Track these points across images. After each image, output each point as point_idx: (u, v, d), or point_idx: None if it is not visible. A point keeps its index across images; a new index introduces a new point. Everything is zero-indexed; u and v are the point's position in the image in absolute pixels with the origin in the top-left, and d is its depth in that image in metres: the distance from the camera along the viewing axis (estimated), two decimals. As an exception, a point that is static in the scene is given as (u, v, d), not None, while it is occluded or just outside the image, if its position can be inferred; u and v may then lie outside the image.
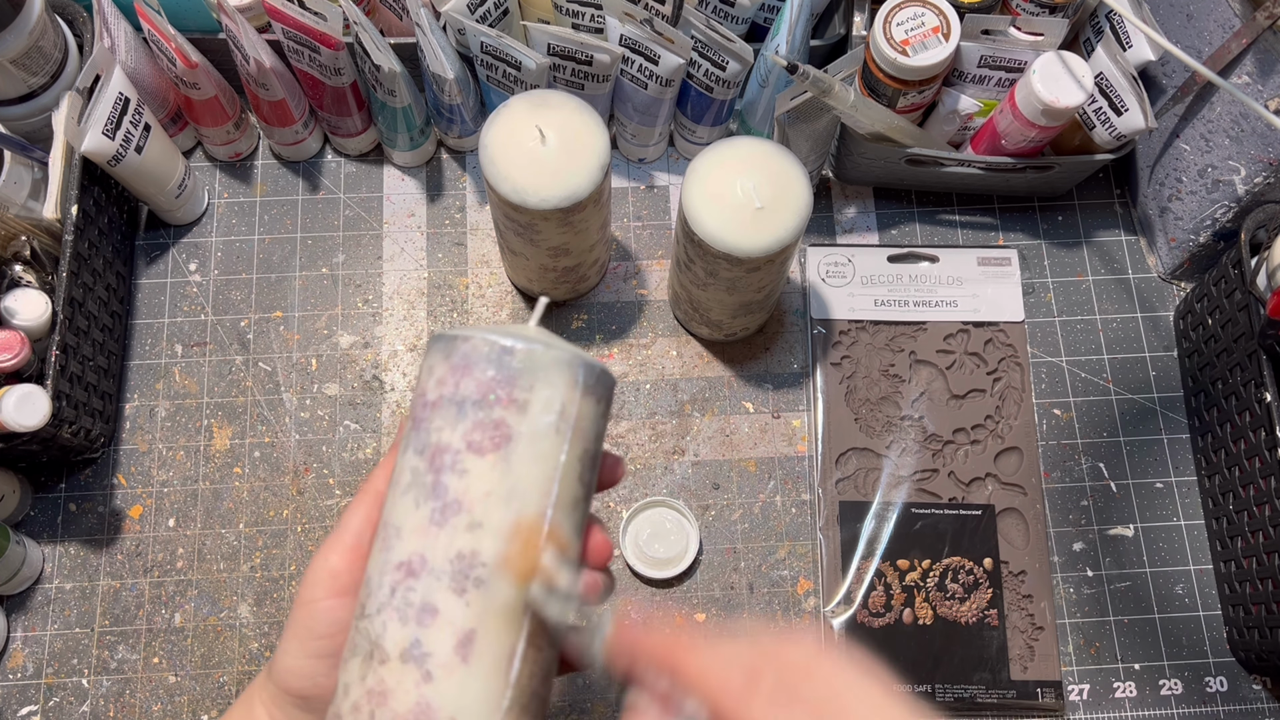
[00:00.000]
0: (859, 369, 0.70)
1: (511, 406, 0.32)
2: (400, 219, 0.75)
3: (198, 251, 0.73)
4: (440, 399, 0.33)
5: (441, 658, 0.30)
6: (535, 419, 0.32)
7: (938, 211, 0.76)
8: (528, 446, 0.32)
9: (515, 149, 0.58)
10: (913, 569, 0.66)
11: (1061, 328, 0.73)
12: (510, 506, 0.32)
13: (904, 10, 0.62)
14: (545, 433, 0.32)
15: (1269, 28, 0.58)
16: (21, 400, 0.56)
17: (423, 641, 0.31)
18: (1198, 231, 0.70)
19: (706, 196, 0.58)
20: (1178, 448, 0.70)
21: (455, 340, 0.33)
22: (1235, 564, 0.64)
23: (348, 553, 0.35)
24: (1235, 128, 0.64)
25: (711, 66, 0.66)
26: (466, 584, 0.31)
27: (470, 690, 0.30)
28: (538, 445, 0.32)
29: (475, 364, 0.33)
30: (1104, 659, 0.65)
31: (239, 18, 0.62)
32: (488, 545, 0.31)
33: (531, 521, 0.32)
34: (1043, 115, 0.64)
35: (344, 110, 0.70)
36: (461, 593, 0.31)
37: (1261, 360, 0.61)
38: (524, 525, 0.32)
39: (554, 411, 0.32)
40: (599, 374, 0.34)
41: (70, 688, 0.63)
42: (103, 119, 0.62)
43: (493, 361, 0.33)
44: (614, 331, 0.72)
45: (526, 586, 0.32)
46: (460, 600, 0.31)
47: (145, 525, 0.66)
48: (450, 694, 0.30)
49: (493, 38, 0.63)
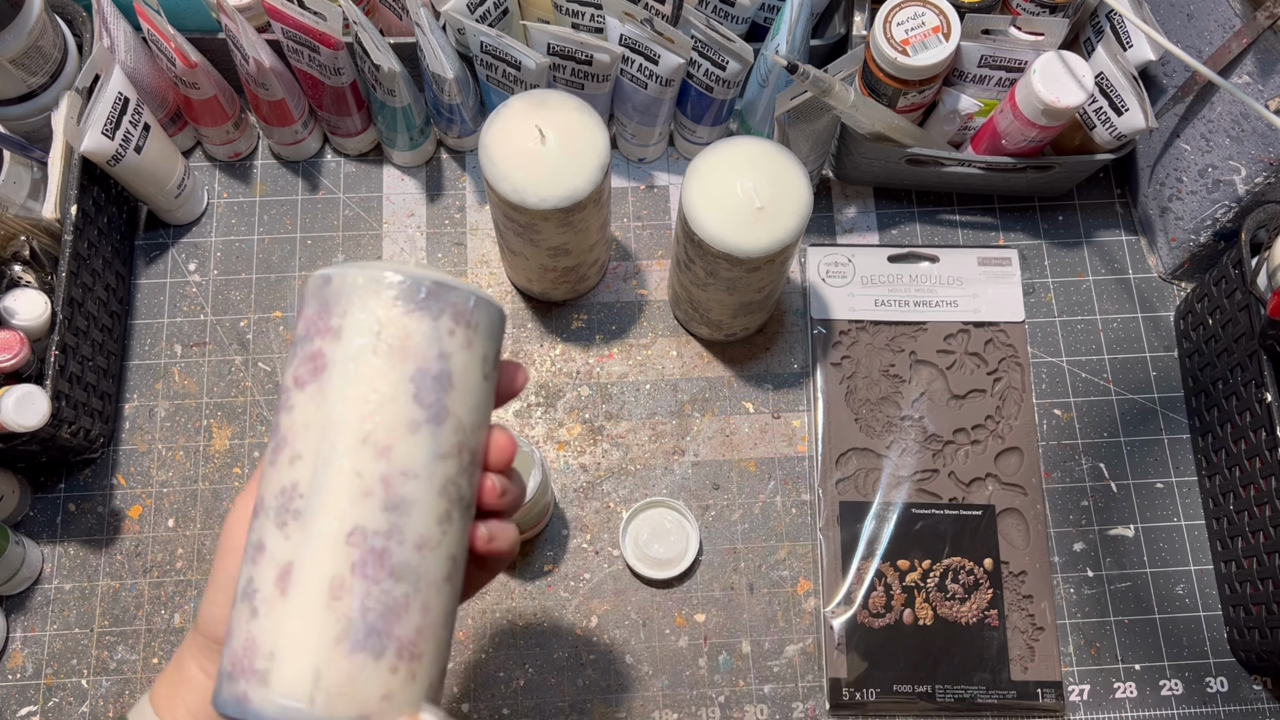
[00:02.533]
0: (859, 369, 0.70)
1: (328, 335, 0.32)
2: (400, 219, 0.75)
3: (197, 251, 0.73)
4: (291, 342, 0.33)
5: (265, 593, 0.31)
6: (348, 343, 0.32)
7: (938, 211, 0.76)
8: (341, 372, 0.31)
9: (515, 149, 0.58)
10: (913, 569, 0.66)
11: (1062, 328, 0.73)
12: (326, 435, 0.31)
13: (904, 10, 0.62)
14: (359, 355, 0.31)
15: (1269, 27, 0.58)
16: (21, 400, 0.56)
17: (254, 579, 0.31)
18: (1198, 231, 0.70)
19: (706, 196, 0.58)
20: (1178, 448, 0.70)
21: (308, 279, 0.34)
22: (1236, 564, 0.64)
23: None
24: (1236, 127, 0.64)
25: (711, 66, 0.66)
26: (286, 517, 0.31)
27: (290, 624, 0.30)
28: (352, 369, 0.31)
29: (305, 300, 0.33)
30: (1104, 659, 0.65)
31: (238, 17, 0.62)
32: (304, 475, 0.31)
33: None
34: (1043, 115, 0.64)
35: (344, 110, 0.70)
36: (282, 526, 0.31)
37: (1262, 360, 0.61)
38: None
39: (368, 333, 0.32)
40: (429, 287, 0.32)
41: (70, 688, 0.63)
42: (102, 119, 0.62)
43: (315, 294, 0.33)
44: (614, 331, 0.72)
45: (353, 516, 0.31)
46: (281, 534, 0.31)
47: (145, 525, 0.66)
48: (269, 628, 0.30)
49: (492, 37, 0.63)
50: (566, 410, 0.70)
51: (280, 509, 0.31)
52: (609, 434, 0.69)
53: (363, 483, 0.31)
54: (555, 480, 0.68)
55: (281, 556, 0.31)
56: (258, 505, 0.32)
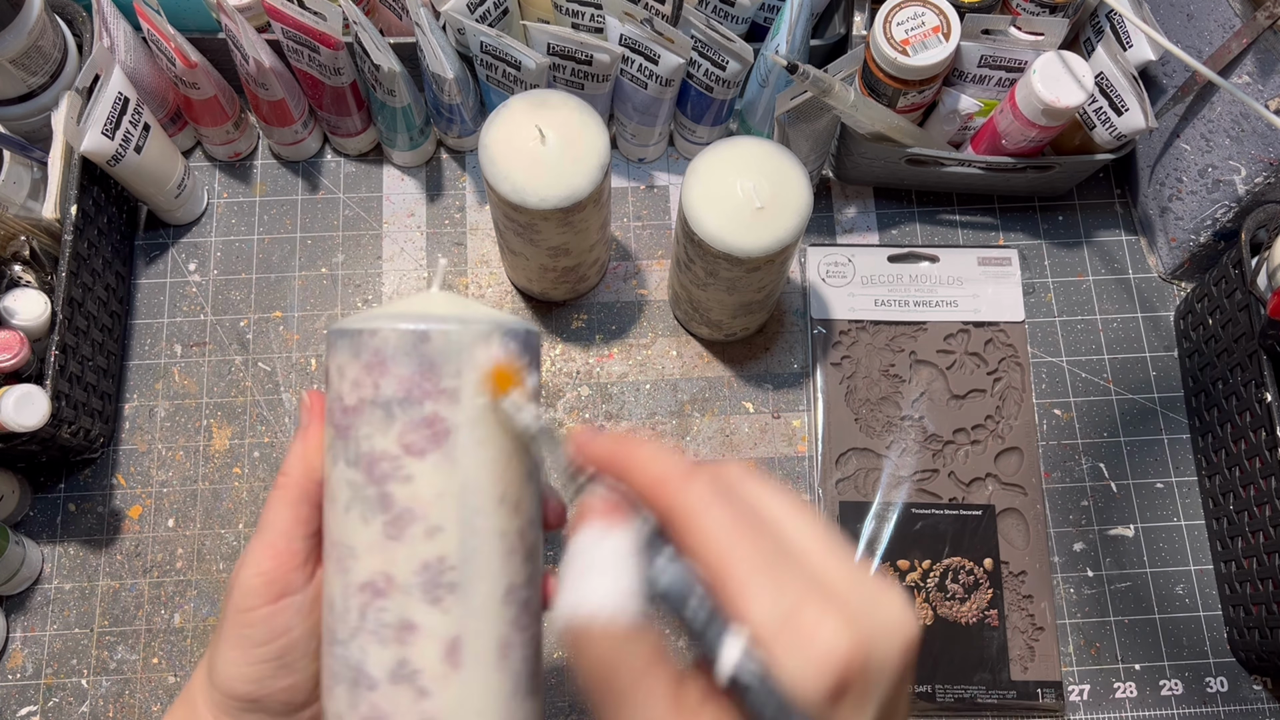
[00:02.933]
0: (859, 369, 0.70)
1: (441, 398, 0.30)
2: (400, 219, 0.75)
3: (197, 251, 0.73)
4: (361, 403, 0.30)
5: (432, 671, 0.30)
6: (469, 405, 0.30)
7: (938, 211, 0.76)
8: (469, 436, 0.30)
9: (515, 149, 0.58)
10: (913, 569, 0.66)
11: (1062, 328, 0.73)
12: (466, 502, 0.30)
13: (904, 10, 0.62)
14: (483, 417, 0.30)
15: (1269, 27, 0.58)
16: (21, 400, 0.56)
17: (409, 660, 0.30)
18: (1198, 231, 0.70)
19: (706, 196, 0.58)
20: (1178, 448, 0.70)
21: (361, 335, 0.31)
22: (1236, 564, 0.64)
23: (277, 555, 0.33)
24: (1236, 127, 0.64)
25: (711, 66, 0.66)
26: (440, 592, 0.30)
27: (471, 694, 0.30)
28: (481, 432, 0.30)
29: (391, 359, 0.30)
30: (1104, 659, 0.65)
31: (238, 17, 0.62)
32: (451, 547, 0.30)
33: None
34: (1043, 115, 0.64)
35: (343, 110, 0.70)
36: (436, 602, 0.30)
37: (1262, 360, 0.61)
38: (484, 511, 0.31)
39: (486, 392, 0.30)
40: (524, 337, 0.32)
41: (69, 688, 0.63)
42: (102, 119, 0.62)
43: (409, 353, 0.30)
44: (614, 331, 0.72)
45: (505, 575, 0.31)
46: (436, 610, 0.30)
47: (145, 525, 0.66)
48: (451, 703, 0.30)
49: (492, 37, 0.63)
50: (566, 410, 0.70)
51: (429, 584, 0.30)
52: (609, 434, 0.69)
53: (507, 541, 0.31)
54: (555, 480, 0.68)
55: (444, 631, 0.30)
56: (379, 584, 0.30)
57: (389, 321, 0.30)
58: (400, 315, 0.31)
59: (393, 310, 0.31)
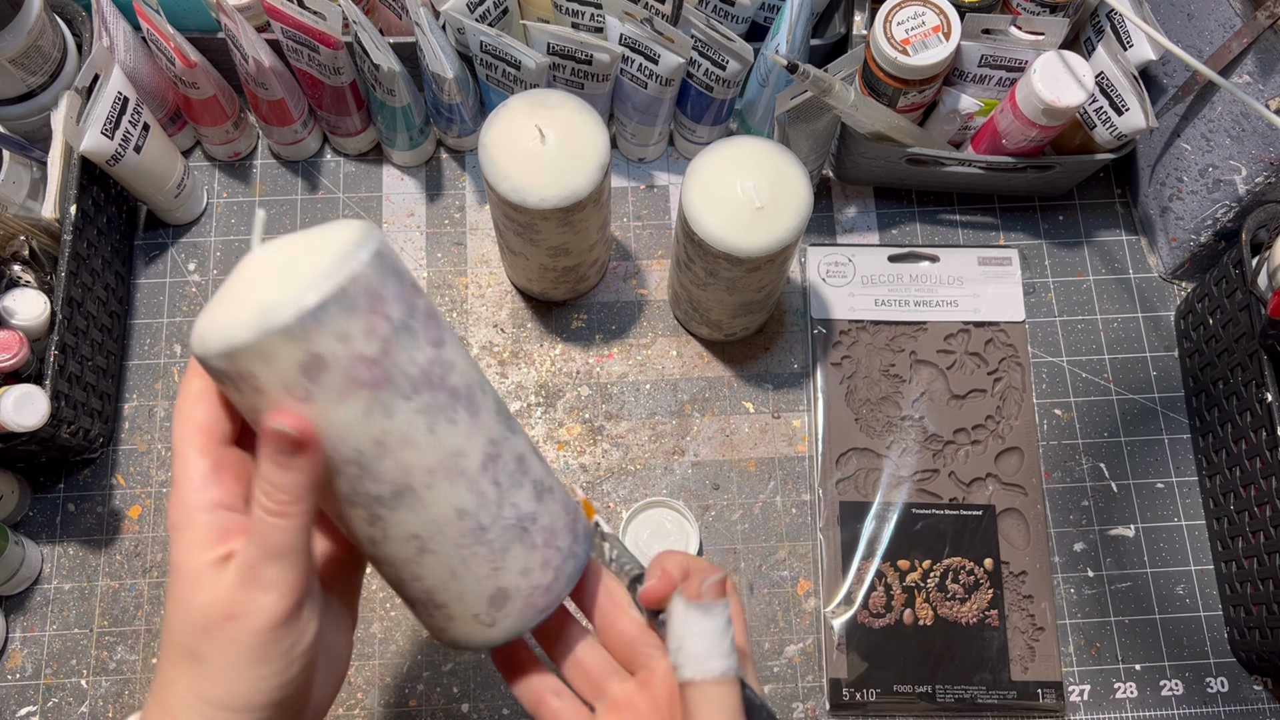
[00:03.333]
0: (859, 369, 0.70)
1: (414, 290, 0.34)
2: (400, 219, 0.74)
3: (197, 251, 0.73)
4: (386, 340, 0.32)
5: (540, 470, 0.38)
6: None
7: (938, 211, 0.76)
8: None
9: (515, 149, 0.58)
10: (913, 569, 0.66)
11: (1062, 328, 0.73)
12: (471, 358, 0.37)
13: (904, 9, 0.62)
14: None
15: (1270, 27, 0.58)
16: (20, 400, 0.56)
17: (538, 478, 0.37)
18: (1199, 231, 0.70)
19: (706, 196, 0.58)
20: (1178, 448, 0.70)
21: (345, 290, 0.31)
22: (1236, 564, 0.64)
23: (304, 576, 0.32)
24: (1236, 127, 0.64)
25: (711, 66, 0.66)
26: (510, 421, 0.37)
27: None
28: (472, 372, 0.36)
29: (381, 287, 0.32)
30: (1105, 659, 0.65)
31: (238, 17, 0.62)
32: (490, 391, 0.37)
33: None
34: (1043, 115, 0.64)
35: (343, 110, 0.70)
36: (514, 431, 0.37)
37: (1262, 360, 0.61)
38: None
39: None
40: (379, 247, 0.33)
41: (69, 688, 0.63)
42: (101, 118, 0.62)
43: (384, 272, 0.32)
44: (614, 331, 0.72)
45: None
46: (515, 436, 0.37)
47: (144, 525, 0.66)
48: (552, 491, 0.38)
49: (492, 37, 0.63)
50: (566, 410, 0.70)
51: (504, 421, 0.36)
52: (609, 434, 0.69)
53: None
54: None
55: (522, 445, 0.37)
56: (487, 458, 0.35)
57: (341, 269, 0.30)
58: (325, 266, 0.31)
59: (297, 274, 0.31)
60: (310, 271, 0.30)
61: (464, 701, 0.63)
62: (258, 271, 0.31)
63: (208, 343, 0.30)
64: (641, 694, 0.37)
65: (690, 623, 0.33)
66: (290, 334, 0.30)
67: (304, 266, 0.31)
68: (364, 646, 0.64)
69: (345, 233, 0.32)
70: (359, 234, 0.32)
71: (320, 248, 0.31)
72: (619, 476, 0.68)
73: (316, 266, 0.30)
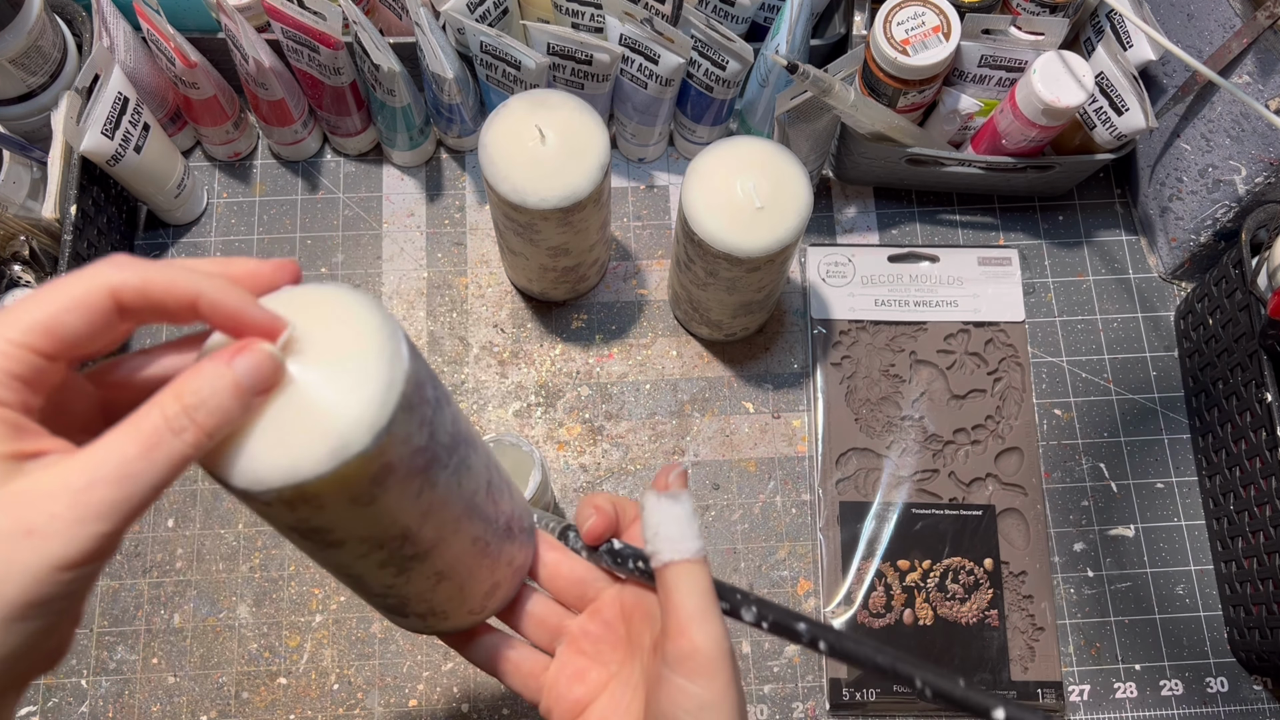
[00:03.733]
0: (859, 369, 0.70)
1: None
2: (400, 219, 0.74)
3: (196, 251, 0.73)
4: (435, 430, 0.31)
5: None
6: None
7: (938, 211, 0.76)
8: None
9: (515, 149, 0.58)
10: (913, 569, 0.66)
11: (1062, 328, 0.73)
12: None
13: (904, 10, 0.62)
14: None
15: (1269, 27, 0.58)
16: (20, 400, 0.56)
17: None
18: (1198, 231, 0.70)
19: (706, 196, 0.58)
20: (1178, 448, 0.70)
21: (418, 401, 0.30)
22: (1236, 564, 0.64)
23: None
24: (1236, 127, 0.64)
25: (711, 66, 0.66)
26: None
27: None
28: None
29: (428, 385, 0.31)
30: (1104, 659, 0.65)
31: (238, 17, 0.62)
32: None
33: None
34: (1043, 115, 0.64)
35: (343, 110, 0.70)
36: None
37: (1262, 360, 0.61)
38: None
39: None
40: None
41: (69, 688, 0.63)
42: (101, 118, 0.62)
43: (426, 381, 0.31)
44: (614, 331, 0.72)
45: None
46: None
47: (144, 525, 0.66)
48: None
49: (492, 37, 0.63)
50: (566, 410, 0.70)
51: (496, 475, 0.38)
52: (609, 434, 0.69)
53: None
54: (555, 480, 0.68)
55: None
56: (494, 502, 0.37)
57: (396, 372, 0.28)
58: (378, 373, 0.28)
59: (349, 384, 0.28)
60: (365, 379, 0.28)
61: (464, 701, 0.63)
62: (297, 386, 0.28)
63: (265, 479, 0.27)
64: (593, 621, 0.40)
65: (663, 510, 0.36)
66: (367, 455, 0.27)
67: (354, 372, 0.28)
68: (364, 646, 0.64)
69: (370, 318, 0.29)
70: (384, 322, 0.29)
71: (354, 342, 0.28)
72: (619, 476, 0.68)
73: (368, 373, 0.28)
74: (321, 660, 0.64)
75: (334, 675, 0.63)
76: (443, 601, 0.37)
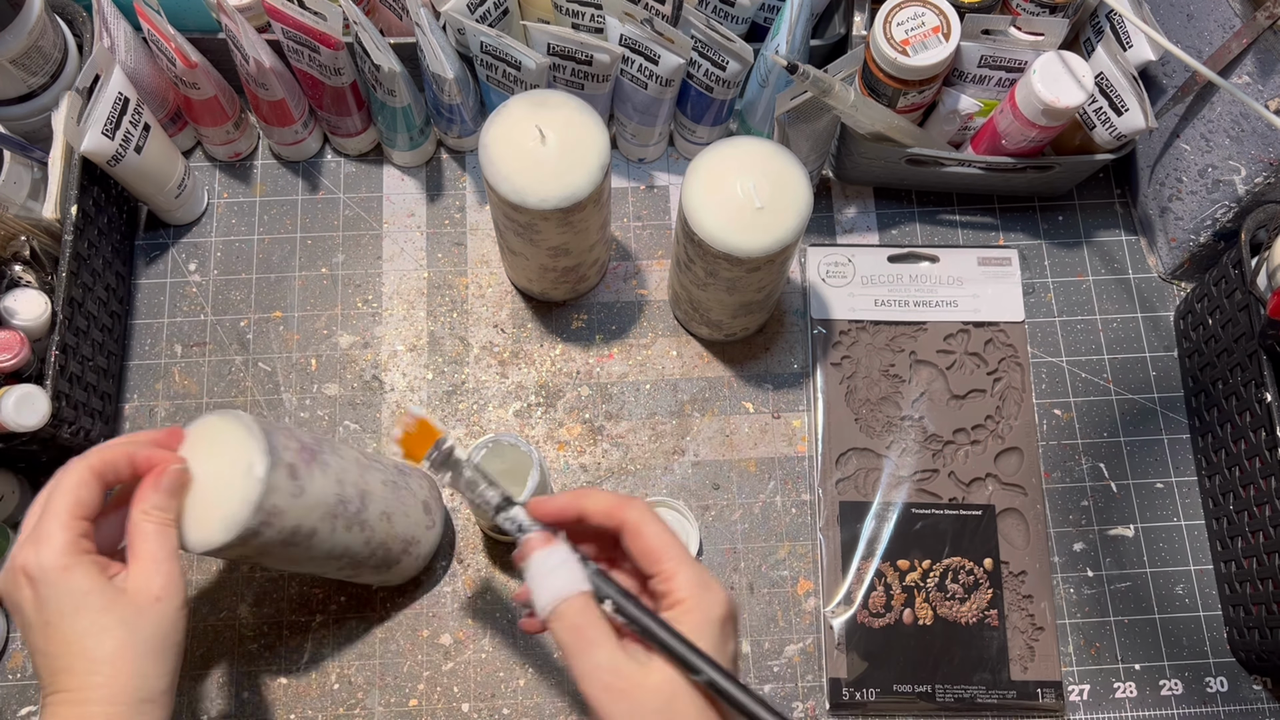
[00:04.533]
0: (859, 369, 0.70)
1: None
2: (400, 219, 0.75)
3: (197, 251, 0.73)
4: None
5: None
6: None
7: (938, 211, 0.76)
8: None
9: (515, 149, 0.58)
10: (913, 569, 0.66)
11: (1062, 328, 0.73)
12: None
13: (904, 10, 0.62)
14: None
15: (1269, 27, 0.58)
16: (21, 400, 0.56)
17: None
18: (1198, 231, 0.70)
19: (706, 196, 0.58)
20: (1178, 448, 0.70)
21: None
22: (1236, 564, 0.64)
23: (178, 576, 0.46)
24: (1235, 128, 0.64)
25: (711, 66, 0.66)
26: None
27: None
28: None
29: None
30: (1104, 659, 0.65)
31: (238, 17, 0.62)
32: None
33: None
34: (1043, 115, 0.64)
35: (344, 110, 0.70)
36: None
37: (1262, 360, 0.61)
38: None
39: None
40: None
41: (70, 688, 0.63)
42: (102, 119, 0.62)
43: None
44: (614, 331, 0.72)
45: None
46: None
47: (145, 525, 0.66)
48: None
49: (492, 37, 0.63)
50: (566, 410, 0.70)
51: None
52: (609, 434, 0.69)
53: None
54: (555, 480, 0.68)
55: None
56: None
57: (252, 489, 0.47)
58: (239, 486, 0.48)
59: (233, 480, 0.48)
60: (238, 482, 0.47)
61: (464, 701, 0.63)
62: (202, 489, 0.48)
63: (200, 545, 0.47)
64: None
65: (532, 579, 0.42)
66: (250, 527, 0.47)
67: (234, 476, 0.47)
68: (364, 646, 0.64)
69: (242, 436, 0.48)
70: (249, 435, 0.48)
71: (234, 452, 0.48)
72: (619, 476, 0.68)
73: (237, 484, 0.47)
74: (322, 660, 0.64)
75: (334, 675, 0.63)
76: (407, 530, 0.58)
